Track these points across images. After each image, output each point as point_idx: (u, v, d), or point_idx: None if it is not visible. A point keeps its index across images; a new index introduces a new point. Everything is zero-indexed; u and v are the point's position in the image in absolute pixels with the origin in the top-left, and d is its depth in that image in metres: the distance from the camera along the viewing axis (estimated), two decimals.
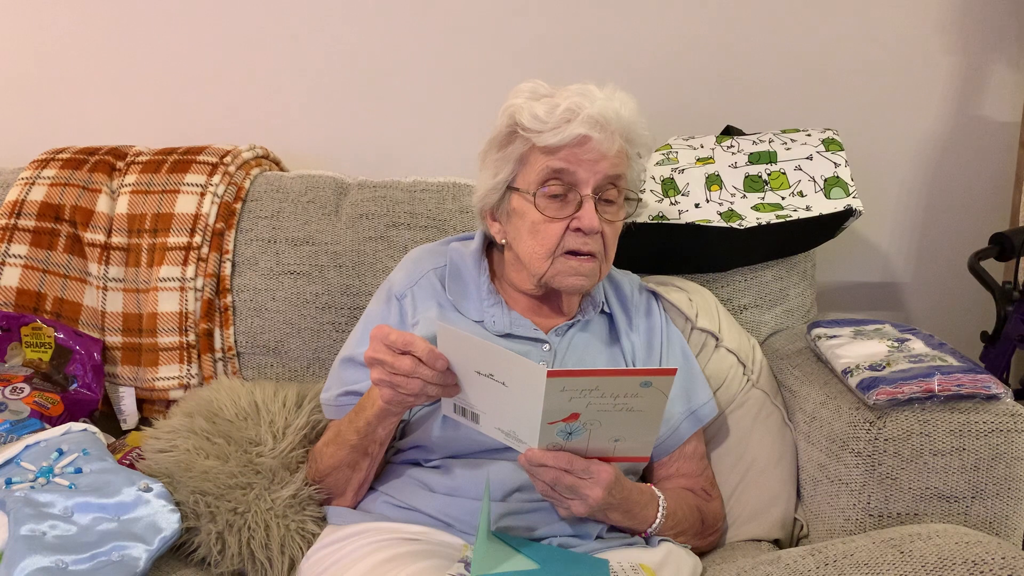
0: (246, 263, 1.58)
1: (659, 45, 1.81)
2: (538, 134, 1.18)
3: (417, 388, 1.05)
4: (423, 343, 1.04)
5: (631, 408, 1.00)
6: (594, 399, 0.98)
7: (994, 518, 1.13)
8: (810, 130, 1.62)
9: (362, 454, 1.20)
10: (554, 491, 1.08)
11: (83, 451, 1.18)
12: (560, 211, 1.20)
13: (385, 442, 1.21)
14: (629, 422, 1.03)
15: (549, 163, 1.19)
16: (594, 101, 1.17)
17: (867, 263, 1.91)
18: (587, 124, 1.16)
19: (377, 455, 1.21)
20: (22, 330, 1.47)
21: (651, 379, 0.98)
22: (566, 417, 1.00)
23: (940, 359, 1.21)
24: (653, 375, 0.99)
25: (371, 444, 1.19)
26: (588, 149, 1.18)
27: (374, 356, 1.05)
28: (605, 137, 1.17)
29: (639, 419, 1.03)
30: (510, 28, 1.81)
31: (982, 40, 1.79)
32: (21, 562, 0.98)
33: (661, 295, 1.41)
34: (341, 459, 1.21)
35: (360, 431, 1.17)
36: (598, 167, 1.19)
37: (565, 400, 0.98)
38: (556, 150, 1.18)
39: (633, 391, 0.99)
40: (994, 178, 1.85)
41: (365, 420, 1.16)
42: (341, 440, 1.20)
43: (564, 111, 1.17)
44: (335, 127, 1.86)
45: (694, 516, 1.26)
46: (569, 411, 0.99)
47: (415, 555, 1.07)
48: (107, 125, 1.86)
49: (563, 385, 0.96)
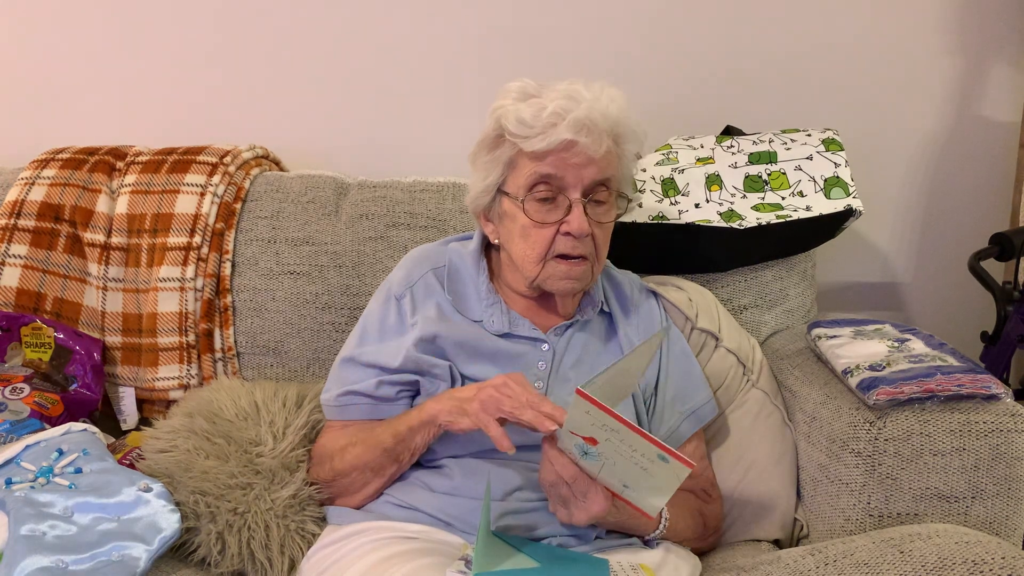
0: (246, 263, 1.58)
1: (659, 45, 1.80)
2: (524, 139, 1.17)
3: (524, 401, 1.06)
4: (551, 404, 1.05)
5: (645, 469, 0.99)
6: (613, 438, 0.98)
7: (994, 518, 1.13)
8: (810, 130, 1.62)
9: (392, 459, 1.19)
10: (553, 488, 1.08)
11: (83, 451, 1.18)
12: (549, 215, 1.20)
13: (417, 453, 1.19)
14: (641, 479, 1.01)
15: (537, 168, 1.18)
16: (580, 103, 1.15)
17: (867, 263, 1.90)
18: (573, 128, 1.14)
19: (405, 464, 1.20)
20: (22, 330, 1.47)
21: (669, 458, 0.96)
22: (586, 437, 1.00)
23: (940, 359, 1.20)
24: (672, 456, 0.96)
25: (404, 451, 1.18)
26: (575, 153, 1.16)
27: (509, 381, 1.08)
28: (592, 141, 1.15)
29: (650, 482, 1.01)
30: (510, 28, 1.81)
31: (982, 40, 1.79)
32: (21, 562, 0.98)
33: (661, 295, 1.41)
34: (367, 461, 1.20)
35: (399, 435, 1.16)
36: (585, 172, 1.18)
37: (587, 423, 0.97)
38: (543, 155, 1.17)
39: (650, 457, 0.97)
40: (994, 178, 1.85)
41: (407, 425, 1.15)
42: (374, 441, 1.19)
43: (550, 115, 1.15)
44: (335, 127, 1.86)
45: (696, 522, 1.26)
46: (590, 434, 0.99)
47: (414, 553, 1.07)
48: (107, 125, 1.85)
49: (588, 409, 0.95)
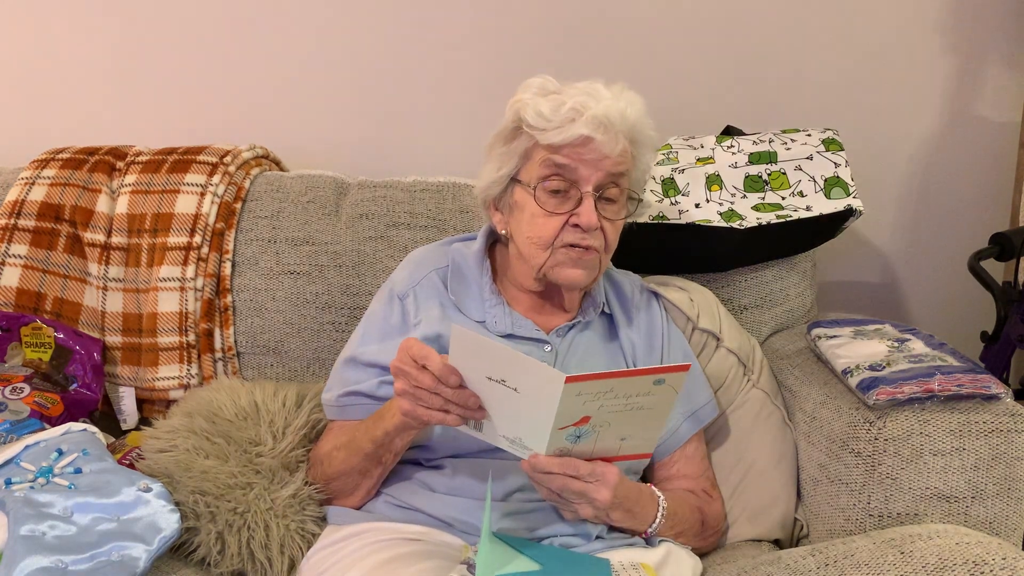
0: (246, 263, 1.58)
1: (659, 45, 1.80)
2: (542, 132, 1.18)
3: (438, 404, 1.04)
4: (437, 358, 1.03)
5: (641, 407, 1.00)
6: (607, 401, 0.98)
7: (994, 518, 1.12)
8: (810, 130, 1.62)
9: (375, 462, 1.19)
10: (560, 497, 1.08)
11: (83, 451, 1.18)
12: (559, 206, 1.20)
13: (400, 453, 1.20)
14: (637, 420, 1.03)
15: (552, 158, 1.19)
16: (600, 101, 1.17)
17: (867, 263, 1.91)
18: (590, 125, 1.16)
19: (390, 464, 1.21)
20: (22, 330, 1.47)
21: (664, 376, 0.98)
22: (577, 421, 1.00)
23: (940, 359, 1.20)
24: (667, 372, 0.99)
25: (386, 454, 1.18)
26: (590, 149, 1.18)
27: (399, 366, 1.05)
28: (608, 139, 1.17)
29: (647, 416, 1.03)
30: (510, 28, 1.81)
31: (982, 40, 1.79)
32: (21, 562, 0.98)
33: (662, 295, 1.41)
34: (352, 465, 1.20)
35: (376, 440, 1.16)
36: (600, 165, 1.19)
37: (579, 404, 0.98)
38: (559, 148, 1.18)
39: (646, 390, 0.99)
40: (994, 178, 1.85)
41: (383, 430, 1.15)
42: (355, 447, 1.19)
43: (569, 110, 1.17)
44: (335, 127, 1.86)
45: (695, 517, 1.26)
46: (581, 415, 0.99)
47: (416, 556, 1.07)
48: (107, 125, 1.85)
49: (579, 390, 0.96)
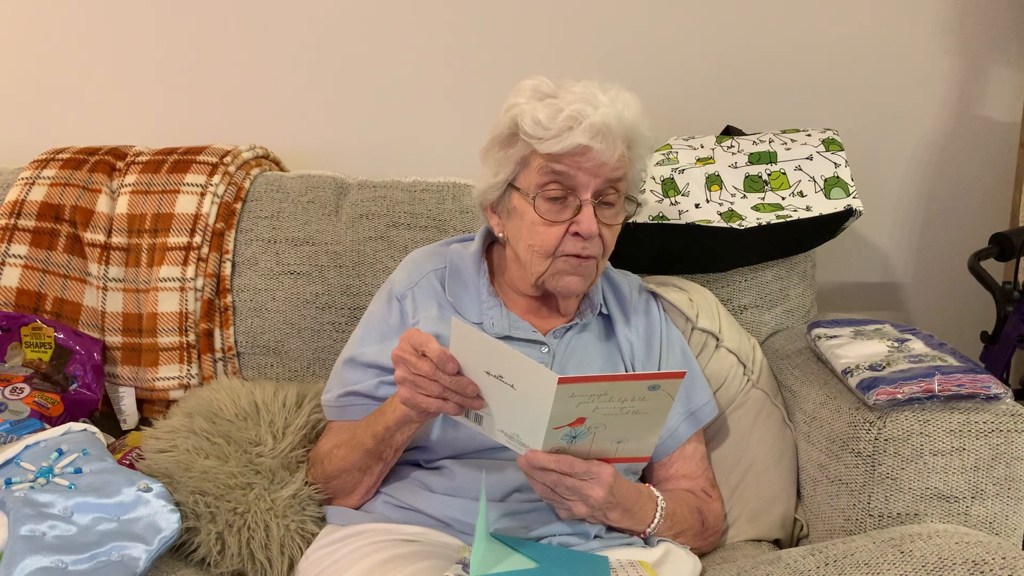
0: (246, 263, 1.58)
1: (659, 45, 1.81)
2: (539, 141, 1.18)
3: (436, 391, 1.05)
4: (436, 345, 1.04)
5: (637, 411, 1.00)
6: (602, 403, 0.98)
7: (994, 518, 1.12)
8: (810, 130, 1.62)
9: (376, 459, 1.19)
10: (555, 493, 1.08)
11: (83, 451, 1.18)
12: (559, 214, 1.20)
13: (400, 449, 1.19)
14: (634, 424, 1.03)
15: (549, 166, 1.18)
16: (597, 108, 1.16)
17: (867, 263, 1.91)
18: (588, 134, 1.15)
19: (391, 460, 1.21)
20: (22, 330, 1.47)
21: (659, 383, 0.98)
22: (572, 422, 1.00)
23: (940, 359, 1.20)
24: (662, 379, 0.98)
25: (387, 449, 1.18)
26: (589, 158, 1.17)
27: (400, 354, 1.06)
28: (606, 147, 1.16)
29: (644, 420, 1.03)
30: (510, 28, 1.81)
31: (982, 40, 1.79)
32: (21, 562, 0.98)
33: (661, 295, 1.41)
34: (353, 462, 1.20)
35: (377, 435, 1.16)
36: (598, 172, 1.18)
37: (573, 406, 0.98)
38: (557, 157, 1.18)
39: (641, 395, 0.99)
40: (994, 178, 1.85)
41: (384, 425, 1.15)
42: (355, 443, 1.19)
43: (566, 118, 1.16)
44: (335, 127, 1.86)
45: (694, 517, 1.26)
46: (576, 416, 0.99)
47: (413, 556, 1.07)
48: (107, 125, 1.86)
49: (572, 391, 0.96)
